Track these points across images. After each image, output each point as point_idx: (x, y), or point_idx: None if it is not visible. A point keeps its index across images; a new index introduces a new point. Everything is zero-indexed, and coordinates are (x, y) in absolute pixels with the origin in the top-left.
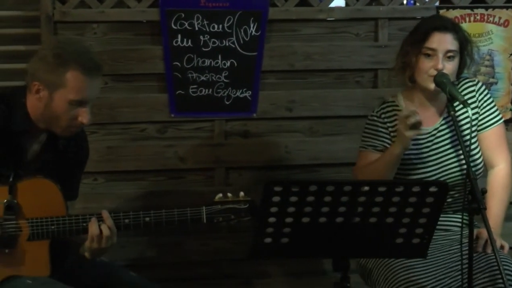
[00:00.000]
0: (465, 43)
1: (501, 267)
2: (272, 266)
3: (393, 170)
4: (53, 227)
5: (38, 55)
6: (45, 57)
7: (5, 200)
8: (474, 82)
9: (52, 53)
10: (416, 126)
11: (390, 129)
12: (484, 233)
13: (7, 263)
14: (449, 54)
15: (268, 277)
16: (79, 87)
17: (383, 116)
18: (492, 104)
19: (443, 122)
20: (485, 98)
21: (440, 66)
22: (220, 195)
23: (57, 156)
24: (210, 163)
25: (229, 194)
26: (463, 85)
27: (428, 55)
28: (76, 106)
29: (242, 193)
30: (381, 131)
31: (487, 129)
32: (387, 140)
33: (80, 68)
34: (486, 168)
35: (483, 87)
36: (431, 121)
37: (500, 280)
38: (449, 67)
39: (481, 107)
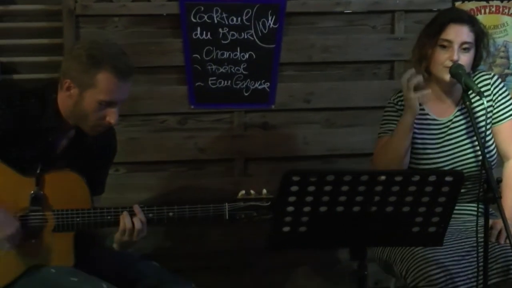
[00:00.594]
0: (481, 35)
1: None
2: (292, 256)
3: (406, 141)
4: (78, 219)
5: (72, 53)
6: (79, 56)
7: (32, 192)
8: (490, 76)
9: (86, 53)
10: (419, 87)
11: None
12: (498, 223)
13: (32, 252)
14: (465, 46)
15: (288, 267)
16: (109, 89)
17: (399, 103)
18: (508, 98)
19: (458, 113)
20: (500, 92)
21: (455, 57)
22: (243, 192)
23: (84, 152)
24: (230, 154)
25: (252, 191)
26: (479, 77)
27: (444, 47)
28: (105, 107)
29: (264, 191)
30: (398, 117)
31: (501, 122)
32: None
33: (112, 70)
34: (502, 160)
35: (499, 81)
36: (447, 112)
37: None
38: (465, 59)
39: (496, 100)
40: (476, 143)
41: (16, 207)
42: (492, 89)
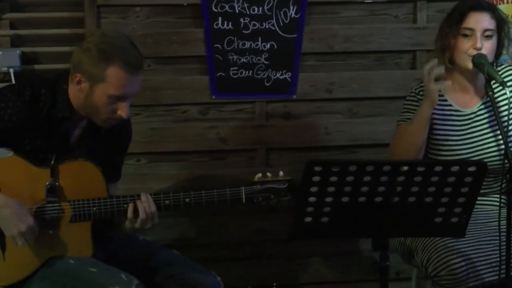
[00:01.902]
0: (502, 23)
1: None
2: (312, 246)
3: (423, 132)
4: (94, 208)
5: (83, 47)
6: (89, 50)
7: (48, 183)
8: None
9: (96, 47)
10: (440, 78)
11: None
12: None
13: (50, 244)
14: (487, 33)
15: (308, 257)
16: (120, 83)
17: (421, 93)
18: None
19: (482, 106)
20: None
21: (479, 45)
22: (260, 175)
23: (99, 141)
24: (251, 144)
25: (268, 174)
26: (506, 71)
27: (466, 35)
28: (116, 101)
29: (281, 173)
30: (417, 106)
31: None
32: None
33: (122, 64)
34: None
35: None
36: (471, 103)
37: None
38: (488, 46)
39: None
40: (500, 134)
41: (32, 199)
42: None
